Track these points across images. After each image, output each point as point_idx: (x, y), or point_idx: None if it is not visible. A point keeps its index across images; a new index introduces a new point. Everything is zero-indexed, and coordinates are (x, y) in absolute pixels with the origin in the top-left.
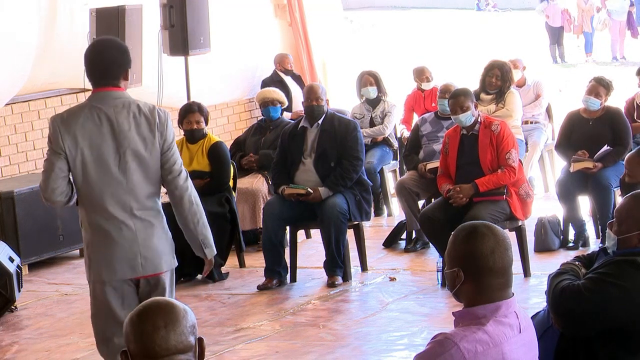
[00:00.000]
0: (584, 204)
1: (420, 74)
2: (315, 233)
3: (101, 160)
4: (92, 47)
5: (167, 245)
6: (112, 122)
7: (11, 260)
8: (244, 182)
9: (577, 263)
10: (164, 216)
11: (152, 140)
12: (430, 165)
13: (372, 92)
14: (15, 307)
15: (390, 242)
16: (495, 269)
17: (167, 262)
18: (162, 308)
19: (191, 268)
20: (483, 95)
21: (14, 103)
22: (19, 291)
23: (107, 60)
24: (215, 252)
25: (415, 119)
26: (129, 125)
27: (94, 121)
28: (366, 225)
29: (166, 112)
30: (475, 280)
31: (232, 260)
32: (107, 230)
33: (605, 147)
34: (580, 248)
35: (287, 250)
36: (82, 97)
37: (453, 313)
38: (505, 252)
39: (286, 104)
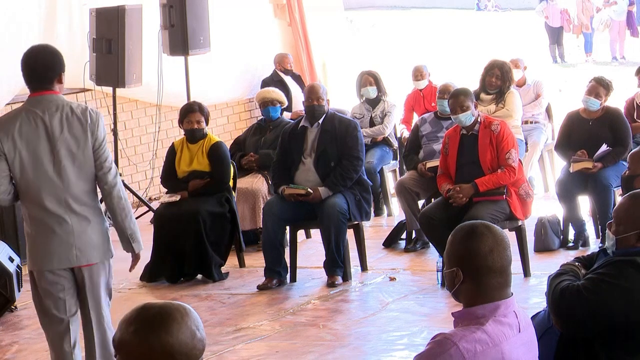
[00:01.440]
0: (584, 204)
1: (415, 72)
2: (315, 233)
3: (37, 161)
4: (26, 54)
5: (102, 238)
6: (46, 124)
7: (11, 260)
8: (244, 182)
9: (576, 264)
10: (100, 210)
11: (84, 139)
12: (430, 164)
13: (371, 92)
14: (15, 307)
15: (390, 242)
16: (494, 269)
17: (100, 254)
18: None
19: (191, 268)
20: (483, 95)
21: (14, 103)
22: (19, 291)
23: (41, 65)
24: (142, 248)
25: (415, 118)
26: (61, 127)
27: (29, 124)
28: (366, 225)
29: (97, 112)
30: (474, 280)
31: (232, 260)
32: (45, 224)
33: (604, 147)
34: (580, 248)
35: (287, 250)
36: (82, 97)
37: (452, 313)
38: (504, 251)
39: (286, 103)
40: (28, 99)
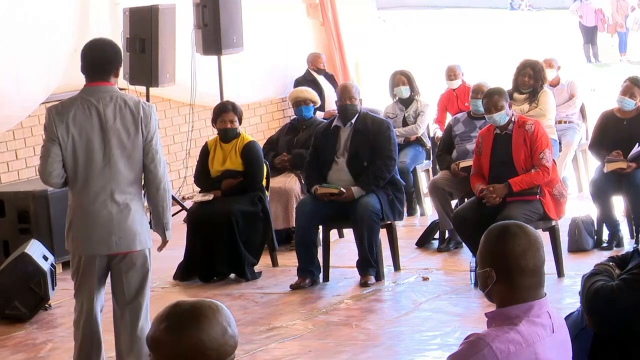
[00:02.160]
0: (618, 204)
1: (448, 72)
2: (348, 232)
3: (89, 148)
4: (87, 46)
5: (142, 226)
6: (100, 113)
7: (45, 258)
8: (276, 182)
9: (611, 264)
10: (142, 201)
11: (135, 131)
12: (463, 164)
13: (404, 91)
14: (49, 305)
15: (423, 242)
16: (527, 269)
17: (141, 241)
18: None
19: (224, 267)
20: (516, 95)
21: (48, 102)
22: (53, 289)
23: (99, 57)
24: (172, 237)
25: (449, 118)
26: (114, 117)
27: (84, 112)
28: (399, 224)
29: (150, 105)
30: (508, 281)
31: (264, 260)
32: (88, 210)
33: (638, 147)
34: (614, 248)
35: (319, 250)
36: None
37: (485, 314)
38: (537, 251)
39: (319, 103)
40: (83, 88)
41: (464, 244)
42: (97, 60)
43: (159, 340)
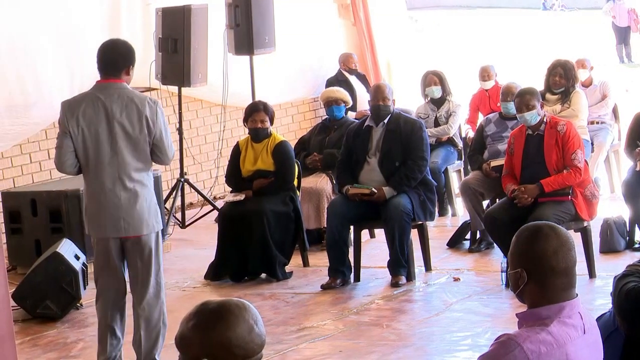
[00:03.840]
0: None
1: (482, 72)
2: (379, 233)
3: (97, 140)
4: (104, 44)
5: (150, 212)
6: (106, 107)
7: (77, 257)
8: (308, 182)
9: None
10: (149, 187)
11: (139, 124)
12: (494, 163)
13: (436, 91)
14: (81, 305)
15: (454, 242)
16: (558, 270)
17: (148, 226)
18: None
19: (255, 267)
20: (548, 96)
21: None
22: (84, 288)
23: (110, 56)
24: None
25: (481, 118)
26: (120, 111)
27: (92, 107)
28: (430, 225)
29: (156, 102)
30: (539, 281)
31: (296, 260)
32: (99, 196)
33: None
34: None
35: (351, 250)
36: (148, 96)
37: (517, 314)
38: (569, 252)
39: (350, 103)
40: (95, 84)
41: (495, 244)
42: (108, 58)
43: (187, 338)
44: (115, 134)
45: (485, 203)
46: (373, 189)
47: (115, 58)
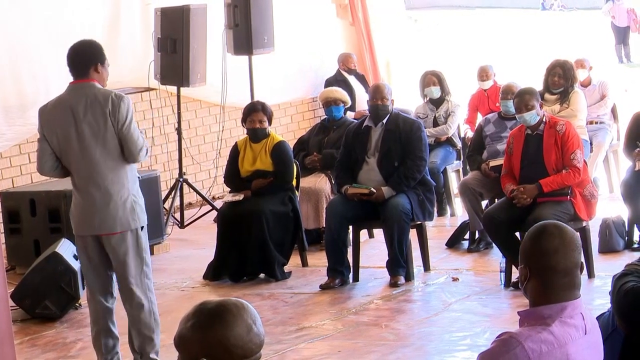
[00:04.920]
0: None
1: (480, 72)
2: (378, 233)
3: (66, 142)
4: (69, 48)
5: (125, 210)
6: (72, 109)
7: (75, 257)
8: (307, 182)
9: None
10: (126, 185)
11: (104, 122)
12: (493, 163)
13: (435, 92)
14: (80, 305)
15: (453, 242)
16: (557, 269)
17: (122, 224)
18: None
19: (254, 267)
20: (547, 96)
21: None
22: (83, 288)
23: (76, 58)
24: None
25: (479, 118)
26: (85, 111)
27: (60, 110)
28: (429, 225)
29: (120, 96)
30: (540, 278)
31: (294, 260)
32: (77, 195)
33: None
34: None
35: (349, 250)
36: (147, 96)
37: (518, 312)
38: (571, 253)
39: (349, 103)
40: (68, 86)
41: (494, 244)
42: (74, 60)
43: (185, 338)
44: (82, 134)
45: (484, 203)
46: (372, 189)
47: (79, 59)
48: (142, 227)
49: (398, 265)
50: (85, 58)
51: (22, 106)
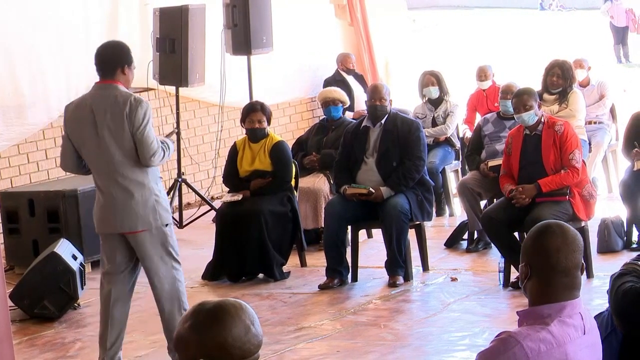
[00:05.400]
0: None
1: (479, 72)
2: (377, 233)
3: (87, 141)
4: (98, 48)
5: (145, 209)
6: (93, 109)
7: (74, 258)
8: (305, 182)
9: (639, 263)
10: (147, 185)
11: (121, 123)
12: (492, 163)
13: (434, 92)
14: (78, 305)
15: (452, 242)
16: (558, 268)
17: (144, 222)
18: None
19: (253, 267)
20: (546, 96)
21: None
22: (82, 289)
23: (104, 58)
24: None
25: (478, 118)
26: (105, 112)
27: (82, 109)
28: (428, 225)
29: (139, 100)
30: (539, 277)
31: (293, 260)
32: (99, 194)
33: None
34: None
35: (348, 250)
36: (145, 96)
37: (517, 312)
38: (572, 253)
39: (348, 103)
40: (93, 85)
41: (492, 244)
42: (101, 60)
43: (184, 339)
44: (102, 135)
45: (482, 203)
46: (371, 189)
47: (107, 59)
48: (166, 225)
49: (397, 265)
50: (113, 59)
51: (20, 106)
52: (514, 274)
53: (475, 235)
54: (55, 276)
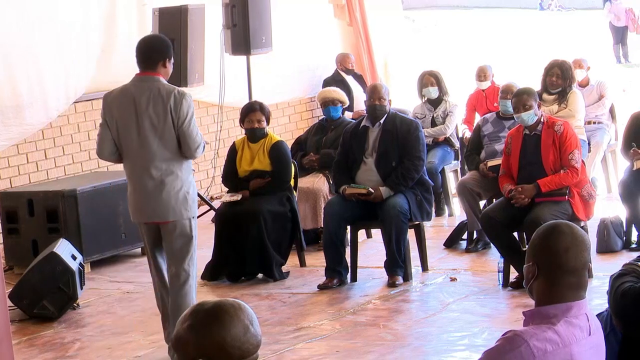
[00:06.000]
0: None
1: (478, 72)
2: (376, 233)
3: (126, 131)
4: (140, 40)
5: (177, 200)
6: (135, 100)
7: (74, 258)
8: (305, 182)
9: (639, 263)
10: (180, 176)
11: (164, 116)
12: (491, 163)
13: (433, 92)
14: (78, 305)
15: (451, 242)
16: (567, 268)
17: (175, 213)
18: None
19: (252, 267)
20: (545, 96)
21: (77, 102)
22: (81, 289)
23: (146, 51)
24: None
25: (477, 119)
26: (147, 104)
27: (124, 99)
28: (427, 225)
29: (183, 93)
30: (547, 277)
31: (292, 260)
32: (132, 184)
33: None
34: None
35: (347, 250)
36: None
37: (523, 312)
38: (581, 253)
39: (347, 103)
40: (134, 77)
41: (492, 244)
42: (143, 53)
43: (182, 339)
44: (142, 125)
45: (482, 203)
46: (370, 189)
47: (150, 52)
48: (193, 217)
49: (396, 265)
50: (156, 52)
51: (18, 107)
52: (513, 274)
53: (475, 235)
54: (55, 276)
